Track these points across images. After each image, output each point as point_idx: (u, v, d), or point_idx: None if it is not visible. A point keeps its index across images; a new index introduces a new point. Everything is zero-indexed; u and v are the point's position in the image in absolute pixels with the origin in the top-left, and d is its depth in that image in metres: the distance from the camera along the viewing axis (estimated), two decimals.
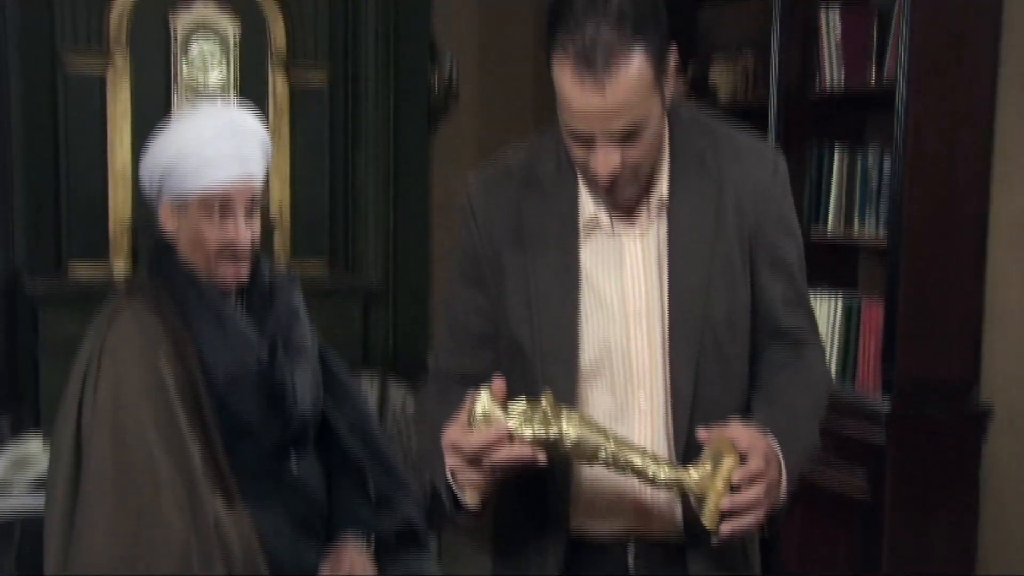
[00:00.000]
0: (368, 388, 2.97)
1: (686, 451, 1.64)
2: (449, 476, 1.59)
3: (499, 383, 1.54)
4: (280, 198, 4.94)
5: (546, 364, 1.69)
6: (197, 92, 4.68)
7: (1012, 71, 3.21)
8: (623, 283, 1.71)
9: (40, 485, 3.32)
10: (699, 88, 4.33)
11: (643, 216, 1.70)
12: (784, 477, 1.57)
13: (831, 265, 3.63)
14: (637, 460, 1.52)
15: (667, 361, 1.69)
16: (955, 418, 3.30)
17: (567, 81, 1.53)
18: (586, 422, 1.53)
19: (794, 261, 1.78)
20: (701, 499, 1.51)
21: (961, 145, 3.22)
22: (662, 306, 1.69)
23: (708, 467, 1.51)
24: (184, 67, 4.67)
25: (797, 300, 1.79)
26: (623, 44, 1.49)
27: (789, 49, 3.64)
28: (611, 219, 1.70)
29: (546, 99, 5.69)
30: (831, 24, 3.53)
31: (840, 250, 3.68)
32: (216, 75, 4.72)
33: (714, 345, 1.69)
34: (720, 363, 1.69)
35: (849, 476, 3.28)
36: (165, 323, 2.17)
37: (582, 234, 1.71)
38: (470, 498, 1.59)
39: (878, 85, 3.43)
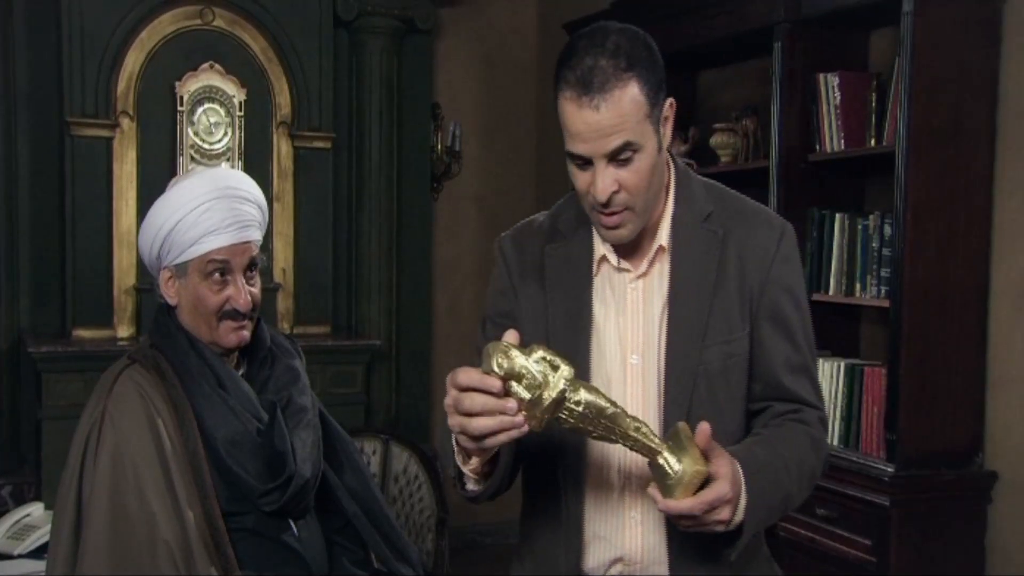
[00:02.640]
0: (370, 451, 2.96)
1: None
2: (455, 444, 1.64)
3: (513, 333, 1.57)
4: (284, 260, 4.96)
5: None
6: (203, 156, 4.71)
7: (1010, 135, 3.23)
8: (624, 326, 1.79)
9: (41, 550, 3.31)
10: (700, 153, 4.36)
11: (644, 260, 1.79)
12: (741, 508, 1.60)
13: (833, 330, 3.63)
14: (631, 432, 1.57)
15: (661, 405, 1.76)
16: (960, 483, 3.28)
17: (567, 107, 1.66)
18: (591, 392, 1.57)
19: (797, 328, 1.82)
20: (668, 483, 1.56)
21: (961, 210, 3.23)
22: (659, 351, 1.77)
23: (684, 464, 1.55)
24: (190, 132, 4.71)
25: (801, 368, 1.82)
26: (618, 72, 1.63)
27: (789, 114, 3.67)
28: (618, 260, 1.79)
29: (548, 161, 5.74)
30: (830, 90, 3.56)
31: (842, 315, 3.68)
32: (222, 140, 4.76)
33: (708, 392, 1.75)
34: (713, 412, 1.73)
35: (854, 540, 3.25)
36: (165, 388, 2.18)
37: (594, 274, 1.81)
38: (470, 469, 1.67)
39: (877, 150, 3.45)
